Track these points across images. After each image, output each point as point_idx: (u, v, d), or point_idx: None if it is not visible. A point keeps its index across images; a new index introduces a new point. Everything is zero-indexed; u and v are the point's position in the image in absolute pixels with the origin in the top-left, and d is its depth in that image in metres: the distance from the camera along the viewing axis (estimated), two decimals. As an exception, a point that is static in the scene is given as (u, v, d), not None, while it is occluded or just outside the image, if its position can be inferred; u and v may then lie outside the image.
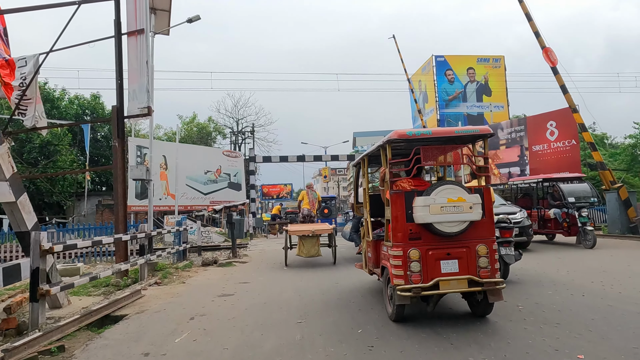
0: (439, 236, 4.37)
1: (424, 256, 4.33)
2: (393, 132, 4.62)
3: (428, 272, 4.31)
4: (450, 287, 4.28)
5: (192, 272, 9.52)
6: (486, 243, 4.40)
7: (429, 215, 4.27)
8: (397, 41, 22.98)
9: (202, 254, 13.91)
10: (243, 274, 8.97)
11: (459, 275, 4.30)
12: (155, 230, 8.78)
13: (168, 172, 26.06)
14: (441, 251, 4.35)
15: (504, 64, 31.04)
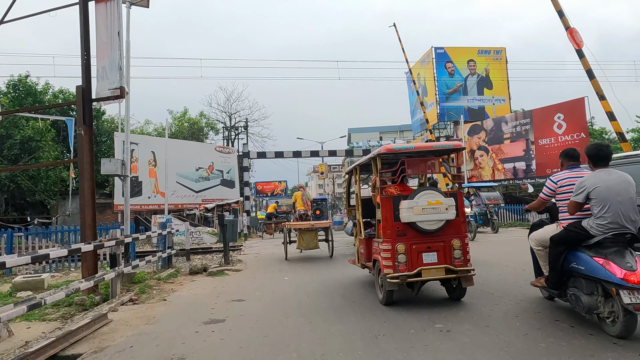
0: (421, 233, 5.13)
1: (408, 249, 5.08)
2: (382, 147, 5.57)
3: (412, 262, 5.07)
4: (431, 275, 5.06)
5: (177, 283, 8.00)
6: (459, 238, 5.21)
7: (413, 215, 5.03)
8: (397, 29, 21.53)
9: (190, 258, 12.36)
10: (236, 286, 7.47)
11: (437, 265, 5.06)
12: (129, 237, 7.23)
13: (157, 169, 24.40)
14: (423, 245, 5.11)
15: (506, 56, 29.72)
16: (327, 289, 6.79)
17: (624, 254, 3.71)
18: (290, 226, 11.01)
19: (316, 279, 7.75)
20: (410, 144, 6.28)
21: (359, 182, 6.66)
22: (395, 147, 5.62)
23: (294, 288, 6.99)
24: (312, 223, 10.73)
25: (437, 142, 6.29)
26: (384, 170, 5.73)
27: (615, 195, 3.83)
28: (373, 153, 5.68)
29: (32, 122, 25.07)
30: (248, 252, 13.35)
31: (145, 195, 23.83)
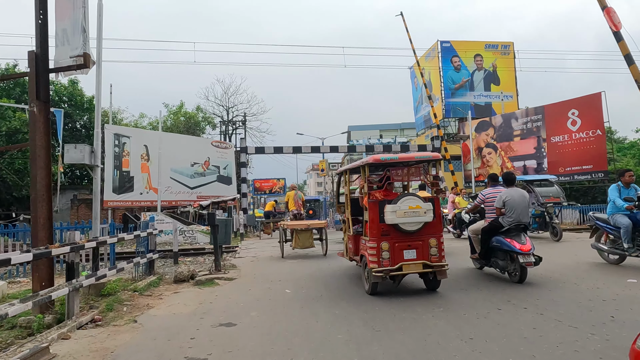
0: (403, 233, 5.77)
1: (392, 247, 5.74)
2: (370, 157, 6.21)
3: (395, 258, 5.74)
4: (411, 269, 5.76)
5: (156, 296, 6.53)
6: (436, 237, 5.86)
7: (396, 218, 5.69)
8: (404, 18, 20.08)
9: (179, 261, 10.88)
10: (227, 301, 6.01)
11: (416, 261, 5.74)
12: (93, 240, 5.75)
13: (150, 163, 22.86)
14: (404, 243, 5.77)
15: (514, 51, 28.30)
16: (343, 310, 5.34)
17: (520, 236, 6.32)
18: (287, 226, 11.16)
19: (325, 292, 6.29)
20: (395, 155, 6.82)
21: (349, 184, 7.20)
22: (381, 157, 6.16)
23: (299, 306, 5.54)
24: (308, 223, 11.04)
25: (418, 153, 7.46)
26: (371, 175, 6.45)
27: (517, 203, 6.46)
28: (362, 161, 6.35)
29: (19, 114, 23.49)
30: (244, 254, 11.88)
31: (137, 192, 22.29)
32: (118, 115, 31.56)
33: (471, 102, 27.48)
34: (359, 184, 6.82)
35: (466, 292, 5.96)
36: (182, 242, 16.81)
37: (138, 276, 8.05)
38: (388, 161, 6.21)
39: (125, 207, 22.82)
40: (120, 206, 22.26)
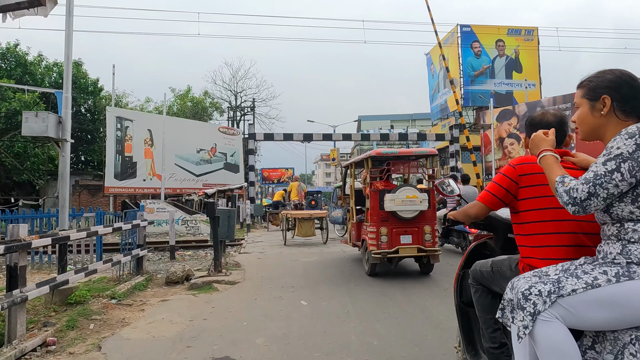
0: (400, 220, 6.24)
1: (390, 232, 6.20)
2: (372, 150, 7.13)
3: (392, 242, 6.20)
4: (406, 253, 6.24)
5: (137, 306, 5.10)
6: (430, 224, 6.34)
7: (394, 205, 6.12)
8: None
9: (176, 256, 9.47)
10: (226, 319, 4.56)
11: (412, 245, 6.21)
12: (48, 237, 4.30)
13: (154, 149, 21.49)
14: (401, 229, 6.25)
15: (538, 37, 26.37)
16: (385, 344, 3.86)
17: None
18: (291, 215, 11.57)
19: (352, 308, 4.82)
20: (395, 150, 7.55)
21: (353, 176, 7.76)
22: (383, 151, 6.99)
23: (321, 329, 4.08)
24: (311, 213, 11.56)
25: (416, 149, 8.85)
26: (373, 169, 6.87)
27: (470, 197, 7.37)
28: (365, 155, 7.00)
29: (18, 95, 22.16)
30: (250, 249, 10.44)
31: (140, 178, 20.97)
32: (123, 99, 30.21)
33: (491, 90, 25.66)
34: (362, 176, 7.58)
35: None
36: (185, 233, 15.44)
37: (124, 275, 6.64)
38: (389, 155, 7.06)
39: (127, 194, 21.53)
40: (123, 193, 20.97)
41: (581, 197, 1.48)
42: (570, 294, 1.48)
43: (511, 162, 2.02)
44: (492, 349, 2.08)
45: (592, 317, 1.48)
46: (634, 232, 1.49)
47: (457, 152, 21.98)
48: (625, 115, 1.60)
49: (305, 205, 14.32)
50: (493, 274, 2.05)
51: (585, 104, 1.69)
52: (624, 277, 1.44)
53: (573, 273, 1.54)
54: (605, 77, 1.66)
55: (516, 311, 1.56)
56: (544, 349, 1.49)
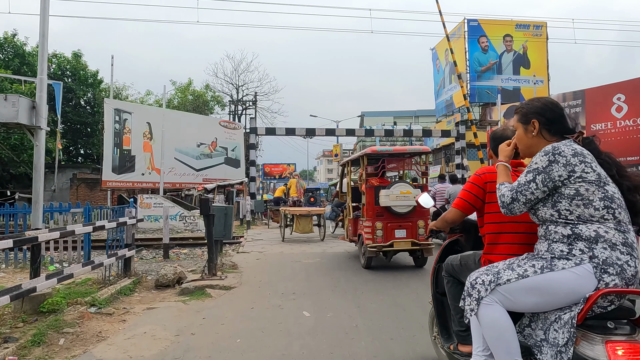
0: (395, 215, 6.42)
1: (385, 226, 6.40)
2: (368, 148, 7.19)
3: (387, 236, 6.40)
4: (401, 246, 6.46)
5: (119, 315, 4.49)
6: (424, 219, 6.43)
7: (389, 201, 6.29)
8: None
9: (170, 255, 8.88)
10: (217, 333, 3.95)
11: (406, 239, 6.41)
12: (9, 238, 3.70)
13: (153, 142, 20.88)
14: (396, 223, 6.43)
15: (546, 33, 25.61)
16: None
17: None
18: (289, 212, 11.53)
19: (361, 322, 4.20)
20: (390, 147, 7.77)
21: (350, 173, 7.98)
22: (378, 149, 7.25)
23: (327, 349, 3.47)
24: (309, 210, 11.64)
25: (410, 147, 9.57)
26: (369, 166, 7.16)
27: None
28: (361, 152, 7.26)
29: (15, 85, 21.54)
30: (249, 247, 9.83)
31: (138, 172, 20.38)
32: (123, 91, 29.58)
33: (498, 86, 24.92)
34: (359, 173, 7.63)
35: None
36: (183, 229, 14.87)
37: (110, 277, 6.04)
38: (384, 152, 7.22)
39: (126, 189, 20.93)
40: (121, 187, 20.37)
41: (507, 202, 1.83)
42: (505, 283, 1.78)
43: (477, 171, 2.34)
44: (460, 332, 2.41)
45: (523, 301, 1.77)
46: (555, 233, 1.79)
47: (462, 149, 21.30)
48: (550, 135, 1.90)
49: (304, 202, 14.33)
50: (461, 266, 2.39)
51: (520, 127, 1.99)
52: (546, 269, 1.73)
53: (510, 266, 1.83)
54: (534, 105, 1.97)
55: (466, 297, 1.90)
56: (486, 326, 1.83)
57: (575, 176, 1.75)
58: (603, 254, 1.68)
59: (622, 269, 1.66)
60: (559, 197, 1.77)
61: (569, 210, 1.76)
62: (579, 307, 1.64)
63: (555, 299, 1.72)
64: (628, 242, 1.71)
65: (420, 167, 7.39)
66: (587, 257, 1.69)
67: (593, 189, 1.74)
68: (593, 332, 1.63)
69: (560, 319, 1.68)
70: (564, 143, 1.83)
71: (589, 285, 1.66)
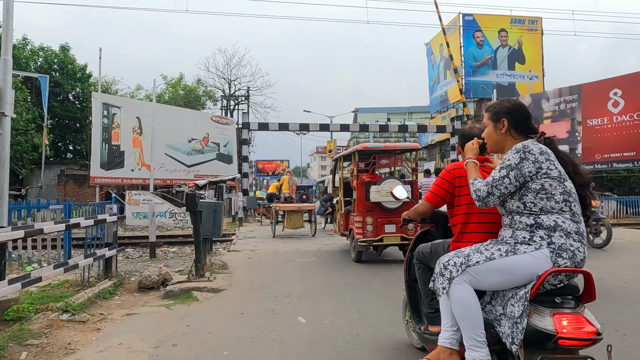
0: (385, 210, 6.56)
1: (375, 221, 6.53)
2: (359, 145, 7.47)
3: (377, 231, 6.54)
4: (390, 241, 6.60)
5: (94, 322, 4.03)
6: None
7: (379, 196, 6.43)
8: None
9: (157, 254, 8.41)
10: (203, 344, 3.51)
11: (395, 234, 6.52)
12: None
13: (143, 138, 20.29)
14: (385, 219, 6.52)
15: (541, 28, 25.36)
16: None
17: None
18: (279, 208, 11.55)
19: (362, 329, 3.78)
20: (380, 144, 7.90)
21: (342, 169, 8.11)
22: (369, 145, 7.35)
23: (326, 355, 3.06)
24: (299, 205, 11.68)
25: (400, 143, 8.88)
26: (360, 162, 7.26)
27: None
28: (352, 149, 7.46)
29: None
30: (240, 246, 9.37)
31: (128, 168, 19.79)
32: (112, 86, 28.85)
33: (493, 81, 24.67)
34: (350, 169, 7.74)
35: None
36: (173, 227, 14.38)
37: (91, 278, 5.57)
38: (374, 149, 7.34)
39: (115, 185, 20.33)
40: (110, 183, 19.77)
41: (483, 195, 2.03)
42: (475, 264, 2.02)
43: (447, 167, 2.52)
44: (430, 313, 2.59)
45: (489, 281, 2.02)
46: (519, 222, 2.02)
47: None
48: (517, 134, 2.15)
49: (296, 199, 14.28)
50: (431, 254, 2.55)
51: (491, 125, 2.22)
52: (511, 253, 1.98)
53: (478, 250, 2.08)
54: (504, 105, 2.21)
55: (438, 277, 2.14)
56: (455, 303, 2.05)
57: (542, 172, 1.95)
58: (559, 241, 1.91)
59: (574, 254, 1.89)
60: (526, 191, 1.97)
61: (534, 203, 1.97)
62: (532, 284, 1.86)
63: (516, 278, 1.93)
64: (580, 231, 1.94)
65: (411, 164, 7.63)
66: (545, 243, 1.92)
67: (555, 184, 1.96)
68: (543, 306, 1.86)
69: (516, 295, 1.91)
70: (531, 142, 2.02)
71: (545, 267, 1.88)
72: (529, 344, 1.82)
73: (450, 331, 2.13)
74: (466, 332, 1.99)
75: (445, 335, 2.15)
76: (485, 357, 1.96)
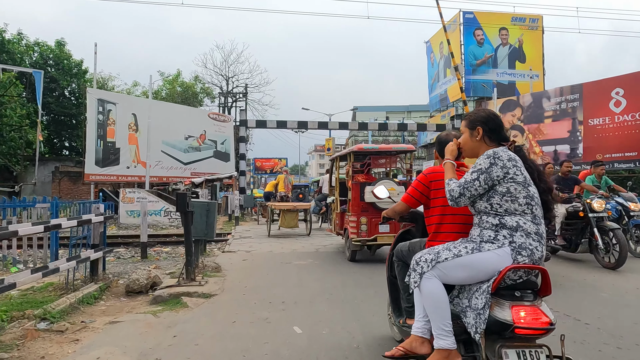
0: (379, 210, 6.40)
1: (369, 221, 6.60)
2: (355, 146, 7.66)
3: (371, 230, 6.62)
4: (384, 240, 6.55)
5: (72, 333, 3.71)
6: None
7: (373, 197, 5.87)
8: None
9: (148, 255, 8.09)
10: (190, 355, 3.20)
11: (389, 234, 6.50)
12: None
13: (139, 134, 19.93)
14: (379, 219, 5.96)
15: (542, 26, 25.06)
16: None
17: None
18: (275, 207, 11.53)
19: (362, 340, 3.48)
20: (376, 145, 8.09)
21: (338, 169, 8.21)
22: (364, 146, 7.50)
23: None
24: (294, 204, 11.60)
25: (395, 145, 8.15)
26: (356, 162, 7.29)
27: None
28: (348, 150, 7.54)
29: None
30: (235, 246, 9.06)
31: (123, 165, 19.42)
32: (109, 82, 28.46)
33: (493, 80, 24.37)
34: (346, 169, 7.71)
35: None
36: (168, 225, 14.06)
37: (77, 281, 5.27)
38: (370, 150, 7.42)
39: (110, 182, 19.98)
40: (105, 181, 19.40)
41: (455, 195, 2.17)
42: (444, 261, 2.16)
43: (424, 171, 2.72)
44: (407, 307, 2.77)
45: (456, 276, 2.16)
46: (486, 222, 2.16)
47: (458, 143, 20.71)
48: (490, 141, 2.31)
49: (292, 197, 14.40)
50: (409, 251, 2.73)
51: (467, 132, 2.38)
52: (476, 250, 2.12)
53: (448, 247, 2.21)
54: (480, 114, 2.39)
55: (411, 273, 2.28)
56: (426, 296, 2.19)
57: (508, 177, 2.10)
58: (520, 240, 2.06)
59: (532, 252, 2.04)
60: (493, 193, 2.12)
61: (499, 204, 2.12)
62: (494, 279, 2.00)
63: (480, 274, 2.07)
64: (539, 232, 2.09)
65: (405, 165, 7.69)
66: (507, 242, 2.06)
67: (520, 188, 2.11)
68: (504, 299, 2.00)
69: (480, 289, 2.05)
70: (501, 149, 2.18)
71: (506, 263, 2.02)
72: (490, 333, 1.97)
73: (422, 321, 2.30)
74: (435, 322, 2.15)
75: (418, 325, 2.32)
76: (451, 345, 2.10)
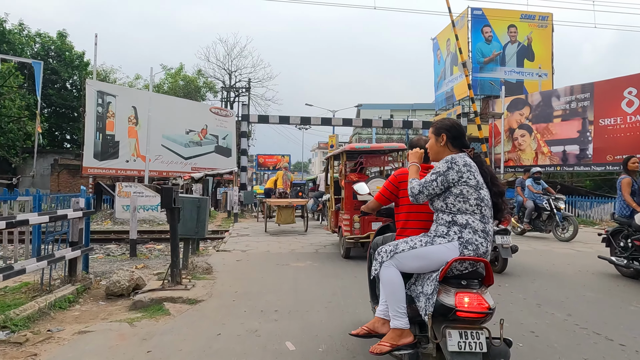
0: None
1: (362, 219, 6.63)
2: (347, 145, 7.96)
3: (364, 228, 6.69)
4: None
5: (33, 344, 3.23)
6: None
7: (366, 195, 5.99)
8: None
9: (137, 253, 7.62)
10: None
11: None
12: None
13: (139, 128, 19.49)
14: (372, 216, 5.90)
15: (552, 24, 24.38)
16: None
17: None
18: (271, 203, 11.66)
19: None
20: (367, 145, 8.59)
21: (333, 168, 8.24)
22: (356, 146, 7.60)
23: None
24: (291, 200, 11.73)
25: (387, 144, 8.26)
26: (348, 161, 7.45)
27: None
28: (341, 149, 7.59)
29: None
30: (231, 245, 8.58)
31: (122, 159, 19.01)
32: (110, 74, 28.02)
33: (501, 78, 23.73)
34: (339, 168, 7.85)
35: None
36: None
37: (55, 282, 4.80)
38: (362, 149, 7.56)
39: (109, 176, 19.56)
40: (104, 174, 18.98)
41: (415, 192, 2.45)
42: (401, 252, 2.45)
43: (395, 172, 2.99)
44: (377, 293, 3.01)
45: (411, 265, 2.44)
46: (441, 219, 2.43)
47: (464, 142, 20.14)
48: (452, 147, 2.57)
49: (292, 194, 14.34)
50: (382, 244, 2.86)
51: (433, 137, 2.63)
52: (429, 243, 2.39)
53: (406, 240, 2.49)
54: (445, 123, 2.63)
55: (374, 262, 2.57)
56: (384, 282, 2.49)
57: (462, 180, 2.39)
58: (467, 236, 2.35)
59: (477, 247, 2.33)
60: (448, 194, 2.41)
61: (453, 204, 2.40)
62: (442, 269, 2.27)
63: (432, 264, 2.36)
64: (486, 230, 2.38)
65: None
66: (456, 237, 2.36)
67: (472, 191, 2.40)
68: (450, 286, 2.27)
69: (430, 277, 2.35)
70: (459, 155, 2.48)
71: (454, 256, 2.30)
72: (438, 315, 2.21)
73: (384, 305, 2.53)
74: (391, 305, 2.42)
75: (380, 308, 2.57)
76: (405, 325, 2.38)
